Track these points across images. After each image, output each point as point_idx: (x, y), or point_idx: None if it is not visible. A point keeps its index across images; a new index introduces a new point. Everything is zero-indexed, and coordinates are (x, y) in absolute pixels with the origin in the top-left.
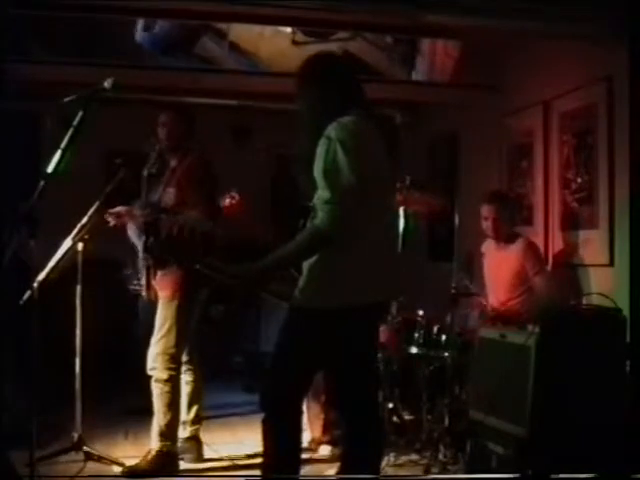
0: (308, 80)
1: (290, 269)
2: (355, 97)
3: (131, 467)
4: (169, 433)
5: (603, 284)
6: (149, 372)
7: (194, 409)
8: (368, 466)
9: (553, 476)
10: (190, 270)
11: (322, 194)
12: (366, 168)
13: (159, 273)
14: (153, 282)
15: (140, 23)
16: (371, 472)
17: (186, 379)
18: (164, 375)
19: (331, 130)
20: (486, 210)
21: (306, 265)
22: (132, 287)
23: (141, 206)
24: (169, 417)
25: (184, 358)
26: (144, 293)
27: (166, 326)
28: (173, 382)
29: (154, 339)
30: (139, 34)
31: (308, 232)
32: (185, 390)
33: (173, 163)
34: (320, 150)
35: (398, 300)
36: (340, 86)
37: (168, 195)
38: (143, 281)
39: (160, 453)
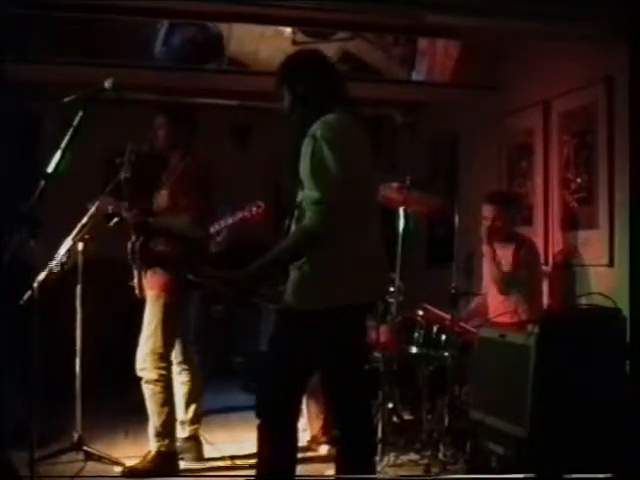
0: (287, 79)
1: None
2: (338, 95)
3: (131, 467)
4: (166, 433)
5: (603, 284)
6: (139, 373)
7: (192, 408)
8: (362, 466)
9: (566, 476)
10: (180, 278)
11: (310, 194)
12: (353, 167)
13: (148, 272)
14: (143, 281)
15: (160, 39)
16: (365, 472)
17: (182, 379)
18: (154, 375)
19: (316, 129)
20: (486, 210)
21: (294, 267)
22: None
23: (126, 208)
24: (164, 417)
25: (179, 358)
26: (137, 292)
27: (153, 325)
28: (164, 382)
29: (142, 338)
30: (158, 49)
31: (297, 233)
32: (182, 390)
33: (171, 164)
34: (305, 150)
35: (398, 300)
36: (321, 84)
37: (161, 197)
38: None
39: (159, 453)
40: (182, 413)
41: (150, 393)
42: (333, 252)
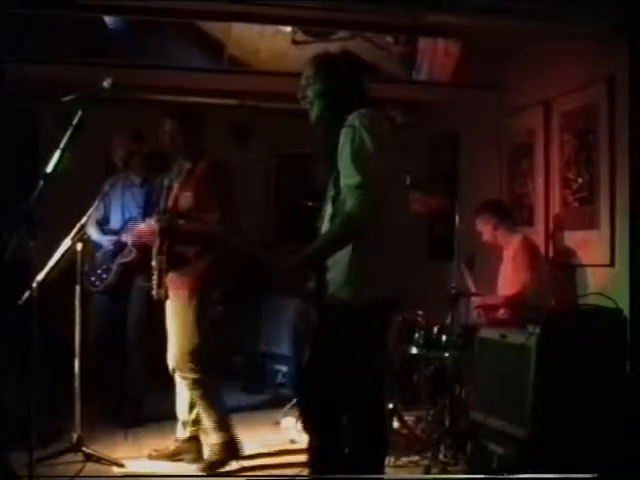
0: (319, 77)
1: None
2: (366, 95)
3: (204, 461)
4: (224, 424)
5: (604, 284)
6: (177, 375)
7: (195, 412)
8: (375, 466)
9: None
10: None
11: (351, 181)
12: (390, 155)
13: (174, 274)
14: (166, 282)
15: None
16: (376, 472)
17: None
18: (197, 375)
19: (354, 119)
20: (477, 224)
21: (338, 260)
22: (90, 284)
23: (158, 212)
24: (215, 411)
25: None
26: (154, 292)
27: (189, 327)
28: (206, 380)
29: (177, 340)
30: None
31: (340, 220)
32: (188, 391)
33: (187, 166)
34: (345, 139)
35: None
36: (359, 81)
37: (185, 199)
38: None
39: (223, 444)
40: (185, 414)
41: (199, 394)
42: (376, 241)
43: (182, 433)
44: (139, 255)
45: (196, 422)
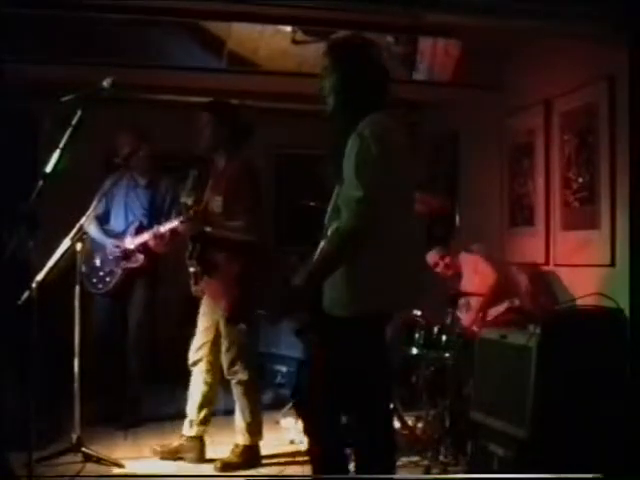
0: (338, 66)
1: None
2: (385, 91)
3: (223, 461)
4: (255, 428)
5: (604, 284)
6: (227, 376)
7: (204, 412)
8: (383, 466)
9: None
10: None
11: (351, 193)
12: (397, 169)
13: (209, 279)
14: (202, 282)
15: None
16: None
17: (206, 379)
18: (245, 376)
19: (364, 128)
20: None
21: (338, 273)
22: (91, 286)
23: (183, 221)
24: (251, 413)
25: (209, 357)
26: (193, 289)
27: (234, 334)
28: (253, 381)
29: (227, 345)
30: None
31: (335, 236)
32: (202, 389)
33: (220, 165)
34: (351, 148)
35: None
36: (372, 76)
37: (216, 203)
38: (112, 279)
39: (246, 447)
40: (195, 413)
41: (241, 391)
42: (373, 254)
43: (188, 431)
44: (147, 261)
45: (203, 422)
